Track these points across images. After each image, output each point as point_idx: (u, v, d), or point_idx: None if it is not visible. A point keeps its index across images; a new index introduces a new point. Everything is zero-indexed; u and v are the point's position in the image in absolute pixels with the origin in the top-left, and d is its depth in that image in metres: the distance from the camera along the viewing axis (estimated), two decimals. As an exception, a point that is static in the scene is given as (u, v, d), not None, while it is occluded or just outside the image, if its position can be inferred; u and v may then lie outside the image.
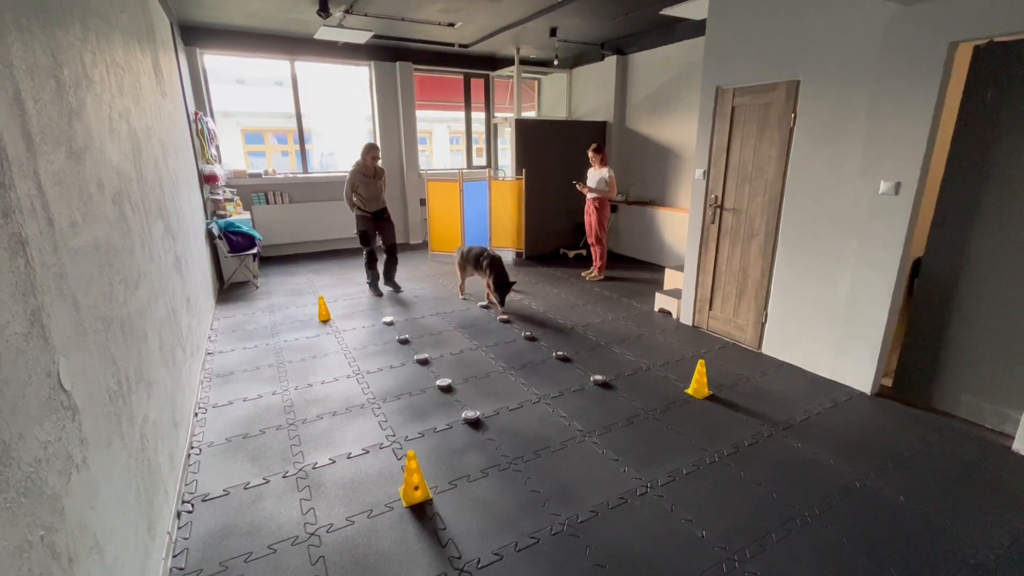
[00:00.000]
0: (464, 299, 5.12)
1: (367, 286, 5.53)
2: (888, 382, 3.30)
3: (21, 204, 1.16)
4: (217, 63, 6.61)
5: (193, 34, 6.01)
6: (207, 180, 5.43)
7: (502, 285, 4.68)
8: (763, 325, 3.89)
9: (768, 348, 3.89)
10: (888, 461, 2.58)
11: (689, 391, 3.27)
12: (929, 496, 2.33)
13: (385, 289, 5.55)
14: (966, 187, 2.79)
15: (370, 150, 4.96)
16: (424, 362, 3.70)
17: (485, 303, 5.01)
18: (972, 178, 2.76)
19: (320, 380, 3.43)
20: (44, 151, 1.35)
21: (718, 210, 4.13)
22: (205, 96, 6.32)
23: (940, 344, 3.00)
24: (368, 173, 5.01)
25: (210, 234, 5.16)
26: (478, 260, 4.84)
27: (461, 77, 8.15)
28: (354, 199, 5.06)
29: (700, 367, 3.26)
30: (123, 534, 1.52)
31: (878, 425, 2.92)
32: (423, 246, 7.81)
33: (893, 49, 2.88)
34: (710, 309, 4.35)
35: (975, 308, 2.84)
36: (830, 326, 3.43)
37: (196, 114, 5.40)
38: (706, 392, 3.24)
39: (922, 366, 3.10)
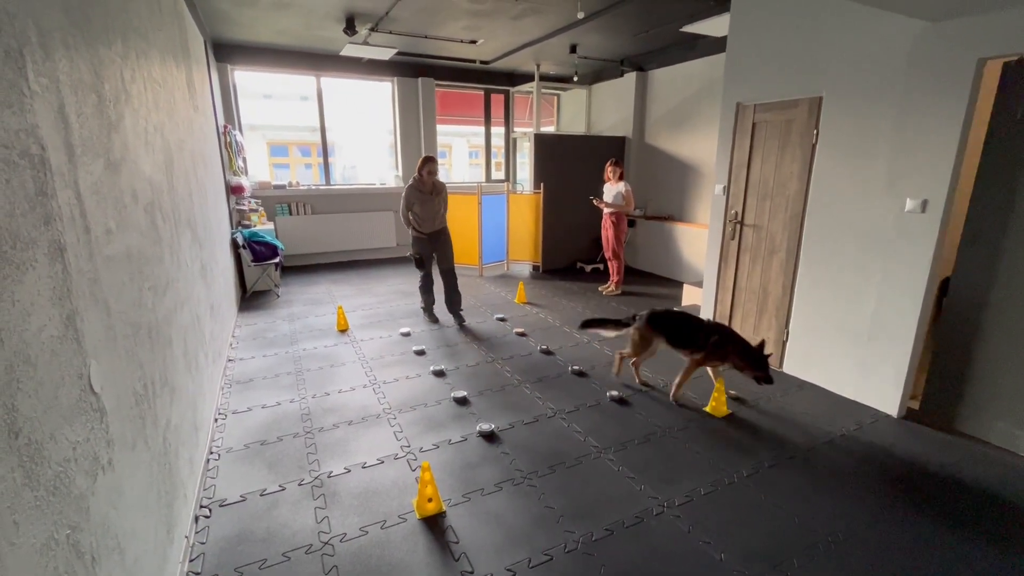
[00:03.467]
0: (643, 386, 3.53)
1: (421, 311, 5.08)
2: (915, 405, 3.19)
3: (61, 212, 1.21)
4: (246, 78, 6.84)
5: (225, 51, 6.24)
6: (233, 191, 5.58)
7: (763, 367, 3.03)
8: (784, 343, 3.82)
9: (789, 367, 3.80)
10: (916, 487, 2.49)
11: (708, 409, 3.21)
12: (960, 525, 2.23)
13: (440, 314, 5.03)
14: (996, 205, 2.72)
15: (425, 163, 4.43)
16: (440, 373, 3.71)
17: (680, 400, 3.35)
18: (1003, 196, 2.69)
19: (337, 389, 3.47)
20: (84, 162, 1.41)
21: (738, 226, 4.09)
22: (234, 110, 6.53)
23: (970, 367, 2.90)
24: (424, 189, 4.47)
25: (235, 243, 5.29)
26: (693, 336, 3.20)
27: (481, 93, 8.28)
28: (410, 218, 4.58)
29: (719, 385, 3.20)
30: (143, 536, 1.54)
31: (905, 449, 2.82)
32: (441, 258, 7.87)
33: (919, 66, 2.85)
34: (729, 325, 4.28)
35: (1007, 330, 2.75)
36: (854, 346, 3.34)
37: (225, 127, 5.58)
38: (725, 410, 3.18)
39: (951, 389, 2.99)
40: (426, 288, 4.93)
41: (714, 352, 3.14)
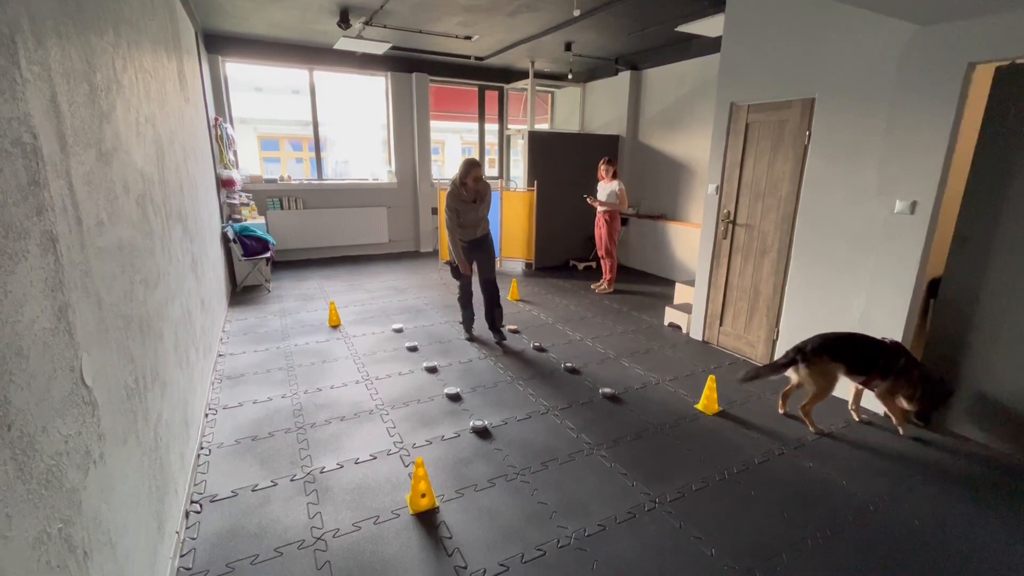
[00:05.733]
0: (819, 433, 2.97)
1: (460, 325, 4.56)
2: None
3: (53, 202, 1.19)
4: (237, 71, 6.75)
5: (216, 42, 6.16)
6: (224, 184, 5.52)
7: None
8: (774, 342, 3.86)
9: (779, 365, 3.84)
10: (902, 484, 2.54)
11: (699, 407, 3.24)
12: (946, 522, 2.28)
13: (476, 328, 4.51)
14: (987, 208, 2.76)
15: (470, 170, 3.82)
16: (432, 370, 3.71)
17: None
18: (993, 199, 2.73)
19: (329, 385, 3.45)
20: (76, 152, 1.39)
21: (730, 225, 4.12)
22: (225, 103, 6.45)
23: (958, 367, 2.95)
24: (467, 198, 3.92)
25: (225, 237, 5.24)
26: (873, 359, 2.84)
27: (476, 89, 8.25)
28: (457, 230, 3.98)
29: (710, 382, 3.23)
30: (134, 531, 1.53)
31: (892, 447, 2.87)
32: (434, 255, 7.86)
33: (909, 69, 2.88)
34: (720, 325, 4.32)
35: (995, 331, 2.80)
36: (843, 345, 3.38)
37: (216, 120, 5.52)
38: (716, 408, 3.21)
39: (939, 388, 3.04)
40: (466, 301, 4.35)
41: (900, 379, 2.81)
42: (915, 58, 2.86)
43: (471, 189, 3.89)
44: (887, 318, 3.12)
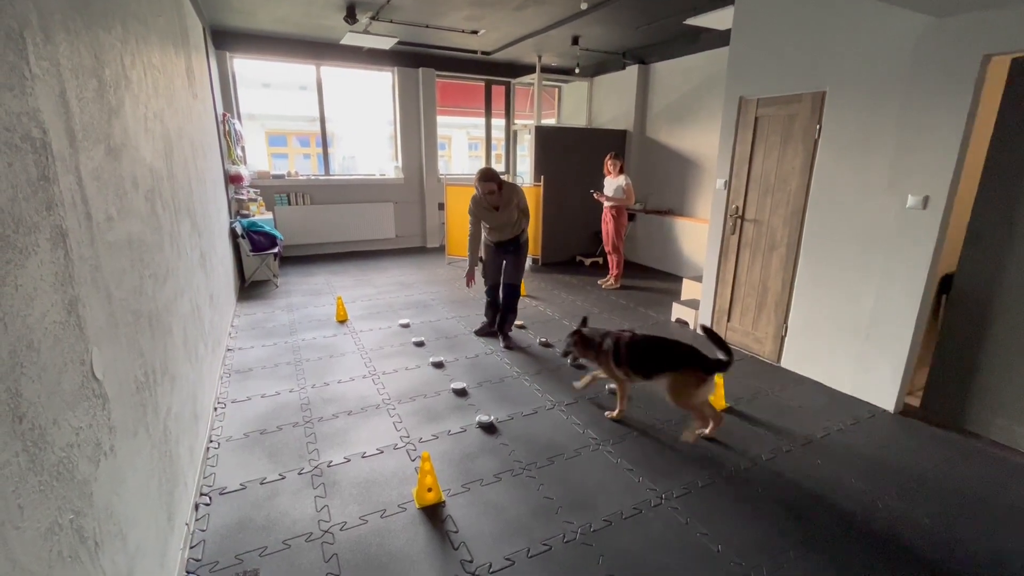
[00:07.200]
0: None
1: (468, 318, 4.72)
2: (915, 401, 3.21)
3: (63, 198, 1.20)
4: (245, 67, 6.77)
5: (224, 38, 6.18)
6: (232, 180, 5.55)
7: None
8: (783, 338, 3.83)
9: (787, 362, 3.82)
10: (912, 482, 2.51)
11: (706, 403, 3.22)
12: (955, 520, 2.26)
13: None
14: (1003, 202, 2.71)
15: (480, 181, 3.78)
16: (439, 365, 3.72)
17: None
18: (1009, 193, 2.69)
19: (336, 379, 3.47)
20: (85, 147, 1.40)
21: (739, 221, 4.09)
22: (233, 99, 6.48)
23: (972, 364, 2.91)
24: (488, 205, 3.88)
25: (233, 233, 5.27)
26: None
27: (482, 84, 8.22)
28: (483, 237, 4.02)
29: (717, 379, 3.21)
30: (145, 523, 1.55)
31: (901, 445, 2.84)
32: (440, 250, 7.86)
33: (924, 61, 2.83)
34: (728, 321, 4.29)
35: (1010, 328, 2.76)
36: (853, 342, 3.35)
37: (224, 116, 5.54)
38: (723, 404, 3.19)
39: (952, 385, 3.01)
40: (493, 305, 4.32)
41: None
42: (929, 50, 2.81)
43: (495, 198, 3.85)
44: (897, 314, 3.08)
